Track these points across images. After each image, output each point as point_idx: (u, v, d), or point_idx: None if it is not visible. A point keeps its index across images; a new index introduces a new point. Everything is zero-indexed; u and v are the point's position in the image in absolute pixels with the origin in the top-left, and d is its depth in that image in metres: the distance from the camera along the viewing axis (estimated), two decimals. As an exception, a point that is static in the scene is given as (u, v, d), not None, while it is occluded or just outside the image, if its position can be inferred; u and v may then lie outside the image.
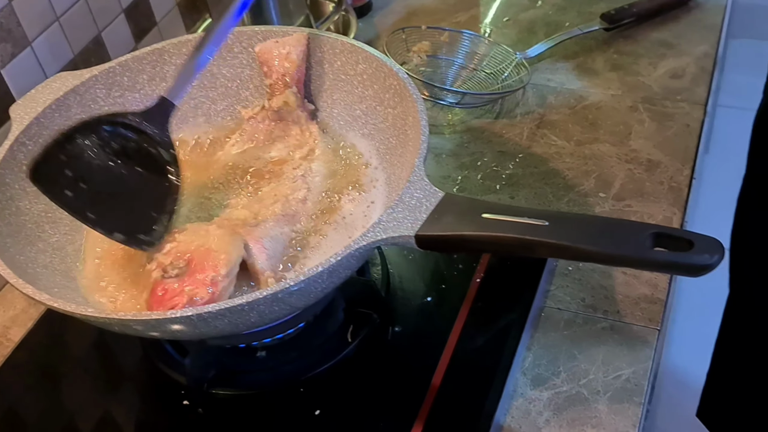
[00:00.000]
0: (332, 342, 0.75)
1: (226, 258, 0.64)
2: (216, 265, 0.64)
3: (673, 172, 0.90)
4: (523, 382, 0.73)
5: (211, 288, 0.63)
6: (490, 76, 1.05)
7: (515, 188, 0.91)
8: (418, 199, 0.63)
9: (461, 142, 0.98)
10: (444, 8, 1.22)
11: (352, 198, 0.77)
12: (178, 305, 0.62)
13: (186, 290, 0.63)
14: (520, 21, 1.17)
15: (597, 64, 1.07)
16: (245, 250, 0.67)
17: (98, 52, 0.99)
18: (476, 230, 0.59)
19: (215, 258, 0.64)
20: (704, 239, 0.53)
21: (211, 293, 0.63)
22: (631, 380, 0.72)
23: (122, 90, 0.83)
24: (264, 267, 0.67)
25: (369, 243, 0.60)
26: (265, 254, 0.68)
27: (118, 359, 0.80)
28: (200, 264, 0.64)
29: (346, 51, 0.81)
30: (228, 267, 0.64)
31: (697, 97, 1.00)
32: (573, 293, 0.79)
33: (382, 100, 0.79)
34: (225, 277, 0.64)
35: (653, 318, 0.77)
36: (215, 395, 0.72)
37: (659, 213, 0.86)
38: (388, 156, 0.79)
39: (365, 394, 0.72)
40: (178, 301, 0.62)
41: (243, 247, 0.67)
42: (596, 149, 0.95)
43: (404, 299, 0.78)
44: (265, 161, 0.83)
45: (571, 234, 0.56)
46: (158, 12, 1.09)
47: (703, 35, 1.10)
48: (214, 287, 0.63)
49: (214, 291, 0.63)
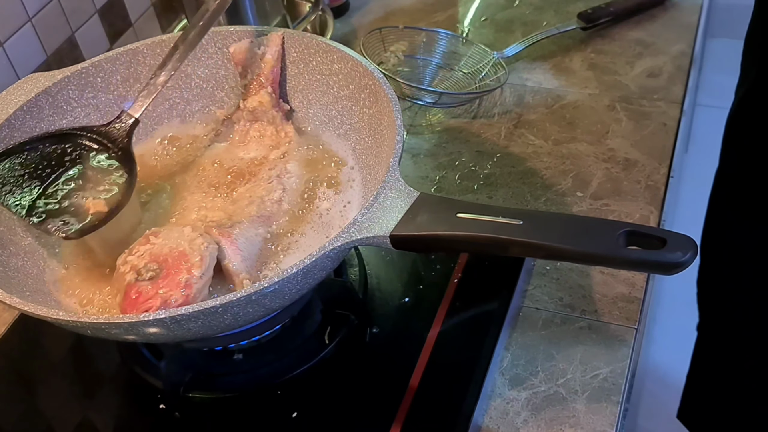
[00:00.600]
0: (310, 344, 0.74)
1: (201, 260, 0.63)
2: (190, 267, 0.63)
3: (650, 170, 0.91)
4: (501, 382, 0.72)
5: (185, 290, 0.62)
6: (467, 75, 1.05)
7: (493, 188, 0.91)
8: (393, 199, 0.62)
9: (439, 142, 0.97)
10: (421, 8, 1.22)
11: (328, 198, 0.77)
12: (152, 308, 0.62)
13: (160, 293, 0.62)
14: (497, 21, 1.17)
15: (574, 64, 1.07)
16: (220, 252, 0.66)
17: (72, 53, 0.98)
18: (451, 230, 0.58)
19: (189, 260, 0.63)
20: (677, 237, 0.53)
21: (185, 295, 0.62)
22: (608, 379, 0.72)
23: (95, 91, 0.82)
24: (239, 268, 0.67)
25: (343, 244, 0.60)
26: (240, 255, 0.67)
27: (94, 364, 0.79)
28: (174, 266, 0.63)
29: (321, 51, 0.81)
30: (202, 269, 0.63)
31: (674, 96, 1.00)
32: (551, 293, 0.79)
33: (357, 99, 0.79)
34: (199, 278, 0.63)
35: (630, 317, 0.77)
36: (192, 398, 0.72)
37: (636, 212, 0.86)
38: (364, 156, 0.78)
39: (343, 395, 0.71)
40: (152, 303, 0.62)
41: (217, 249, 0.66)
42: (574, 148, 0.95)
43: (382, 300, 0.78)
44: (240, 162, 0.82)
45: (545, 233, 0.56)
46: (133, 13, 1.08)
47: (679, 34, 1.10)
48: (188, 289, 0.62)
49: (188, 293, 0.62)
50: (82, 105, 0.82)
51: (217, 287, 0.69)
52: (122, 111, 0.75)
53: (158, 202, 0.78)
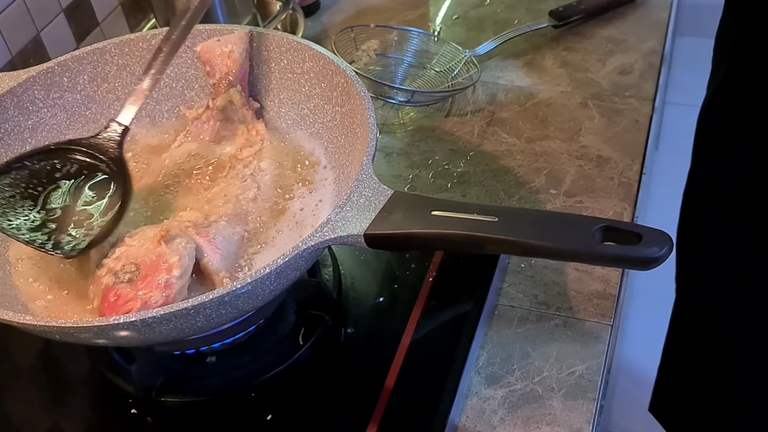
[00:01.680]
0: (284, 345, 0.74)
1: (179, 260, 0.62)
2: (169, 267, 0.62)
3: (623, 167, 0.91)
4: (477, 380, 0.72)
5: (165, 291, 0.61)
6: (440, 74, 1.05)
7: (467, 186, 0.90)
8: (366, 198, 0.62)
9: (412, 140, 0.97)
10: (393, 7, 1.21)
11: (301, 196, 0.76)
12: (132, 310, 0.61)
13: (140, 294, 0.61)
14: (469, 19, 1.17)
15: (546, 61, 1.07)
16: (198, 251, 0.65)
17: (37, 53, 0.96)
18: (425, 228, 0.58)
19: (168, 260, 0.62)
20: (652, 232, 0.53)
21: (165, 296, 0.61)
22: (584, 376, 0.72)
23: (62, 91, 0.81)
24: (219, 267, 0.66)
25: (317, 243, 0.59)
26: (218, 254, 0.66)
27: (64, 369, 0.77)
28: (153, 267, 0.62)
29: (292, 49, 0.80)
30: (181, 268, 0.62)
31: (645, 92, 1.01)
32: (526, 290, 0.79)
33: (329, 98, 0.78)
34: (179, 278, 0.62)
35: (605, 313, 0.77)
36: (164, 403, 0.71)
37: (610, 208, 0.86)
38: (337, 154, 0.78)
39: (318, 397, 0.70)
40: (132, 305, 0.60)
41: (195, 248, 0.65)
42: (547, 146, 0.95)
43: (356, 300, 0.77)
44: (212, 161, 0.81)
45: (521, 230, 0.56)
46: (100, 12, 1.06)
47: (650, 32, 1.11)
48: (168, 290, 0.61)
49: (168, 294, 0.61)
50: (48, 105, 0.80)
51: (191, 290, 0.68)
52: (110, 120, 0.73)
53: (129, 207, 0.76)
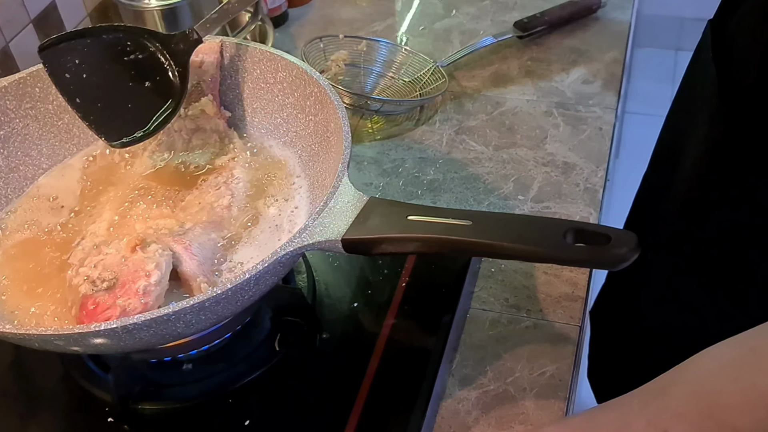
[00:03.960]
0: (260, 351, 0.74)
1: (156, 266, 0.63)
2: (147, 274, 0.62)
3: (588, 174, 0.93)
4: (451, 382, 0.74)
5: (144, 298, 0.62)
6: (408, 84, 1.07)
7: (437, 193, 0.92)
8: (343, 204, 0.63)
9: (382, 149, 0.99)
10: (360, 18, 1.23)
11: (275, 203, 0.77)
12: (112, 317, 0.61)
13: (118, 302, 0.61)
14: (435, 30, 1.19)
15: (512, 71, 1.10)
16: (175, 258, 0.66)
17: (6, 64, 0.96)
18: (402, 232, 0.59)
19: (145, 268, 0.63)
20: (621, 233, 0.55)
21: (143, 303, 0.62)
22: (555, 376, 0.74)
23: (34, 101, 0.81)
24: (196, 272, 0.67)
25: (295, 248, 0.60)
26: (195, 261, 0.67)
27: (37, 379, 0.77)
28: (130, 275, 0.63)
29: (265, 59, 0.81)
30: (159, 275, 0.63)
31: (608, 102, 1.04)
32: (497, 294, 0.81)
33: (303, 107, 0.79)
34: (156, 285, 0.63)
35: (574, 315, 0.79)
36: (141, 411, 0.71)
37: (576, 213, 0.89)
38: (311, 162, 0.79)
39: (295, 402, 0.71)
40: (111, 313, 0.61)
41: (172, 255, 0.66)
42: (514, 153, 0.97)
43: (331, 306, 0.78)
44: (185, 170, 0.82)
45: (494, 232, 0.57)
46: (69, 22, 1.06)
47: (611, 42, 1.14)
48: (146, 297, 0.62)
49: (146, 301, 0.62)
50: (20, 116, 0.80)
51: (166, 298, 0.68)
52: (191, 28, 0.77)
53: (102, 216, 0.77)
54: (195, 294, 0.66)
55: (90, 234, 0.72)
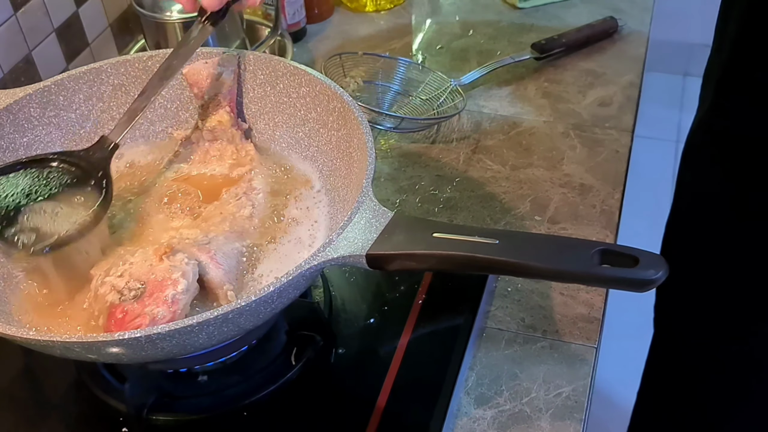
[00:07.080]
0: (275, 365, 0.74)
1: (182, 275, 0.63)
2: (175, 282, 0.63)
3: (605, 195, 0.94)
4: (466, 401, 0.73)
5: (172, 306, 0.62)
6: (425, 102, 1.07)
7: (453, 211, 0.92)
8: (367, 219, 0.63)
9: (399, 166, 0.99)
10: (378, 35, 1.24)
11: (295, 217, 0.77)
12: (142, 326, 0.61)
13: (146, 311, 0.61)
14: (452, 49, 1.20)
15: (529, 92, 1.10)
16: (201, 267, 0.66)
17: (28, 72, 0.96)
18: (427, 249, 0.59)
19: (172, 277, 0.63)
20: (649, 256, 0.55)
21: (172, 311, 0.62)
22: (571, 397, 0.73)
23: (57, 109, 0.81)
24: (222, 281, 0.67)
25: (320, 262, 0.60)
26: (221, 269, 0.67)
27: (49, 387, 0.77)
28: (158, 283, 0.63)
29: (288, 73, 0.81)
30: (186, 284, 0.63)
31: (625, 124, 1.04)
32: (513, 313, 0.81)
33: (325, 122, 0.79)
34: (183, 294, 0.63)
35: (590, 336, 0.79)
36: (155, 421, 0.71)
37: (593, 235, 0.89)
38: (332, 177, 0.79)
39: (309, 417, 0.71)
40: (140, 322, 0.61)
41: (197, 265, 0.66)
42: (531, 174, 0.97)
43: (347, 321, 0.78)
44: (203, 181, 0.82)
45: (522, 252, 0.57)
46: (91, 33, 1.07)
47: (627, 66, 1.15)
48: (174, 305, 0.62)
49: (174, 309, 0.62)
50: (43, 123, 0.81)
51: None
52: (102, 137, 0.74)
53: (124, 226, 0.77)
54: (222, 302, 0.67)
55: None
